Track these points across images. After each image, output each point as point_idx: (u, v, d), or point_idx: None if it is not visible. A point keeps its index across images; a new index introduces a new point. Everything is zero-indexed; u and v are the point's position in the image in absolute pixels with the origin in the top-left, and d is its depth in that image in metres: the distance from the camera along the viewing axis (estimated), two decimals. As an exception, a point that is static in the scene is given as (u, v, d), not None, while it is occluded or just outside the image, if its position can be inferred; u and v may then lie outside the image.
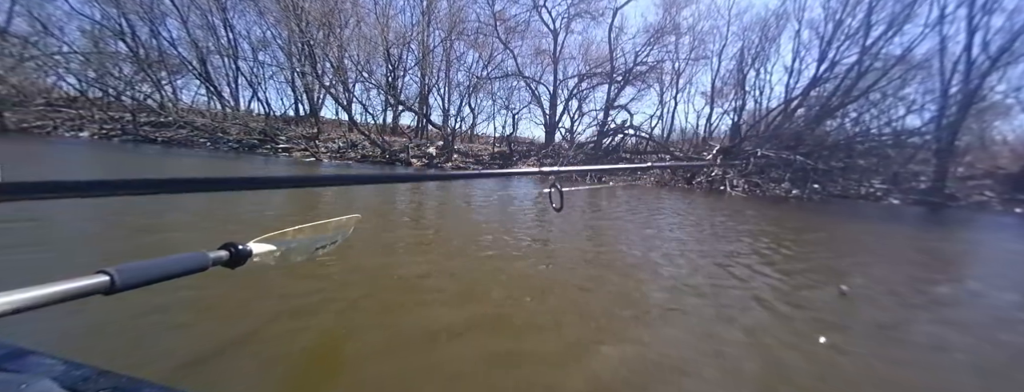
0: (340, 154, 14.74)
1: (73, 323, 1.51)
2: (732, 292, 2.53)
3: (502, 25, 17.10)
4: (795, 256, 3.74)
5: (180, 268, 0.59)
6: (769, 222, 6.09)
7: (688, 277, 2.79)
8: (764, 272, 3.02)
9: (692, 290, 2.52)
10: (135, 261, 0.52)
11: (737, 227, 5.36)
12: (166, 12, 16.60)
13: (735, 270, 3.02)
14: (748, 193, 11.88)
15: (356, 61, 16.44)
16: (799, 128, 15.84)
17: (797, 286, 2.77)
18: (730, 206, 8.36)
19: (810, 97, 16.43)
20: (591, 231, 4.43)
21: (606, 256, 3.29)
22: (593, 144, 16.59)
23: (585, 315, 2.05)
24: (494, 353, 1.61)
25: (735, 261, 3.31)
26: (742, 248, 3.87)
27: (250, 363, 1.39)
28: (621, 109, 17.13)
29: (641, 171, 14.24)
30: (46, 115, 14.63)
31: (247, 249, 0.75)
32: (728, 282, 2.73)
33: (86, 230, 3.06)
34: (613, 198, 8.51)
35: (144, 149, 12.42)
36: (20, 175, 0.52)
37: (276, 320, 1.73)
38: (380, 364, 1.46)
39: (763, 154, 12.74)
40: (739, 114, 18.59)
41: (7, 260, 2.23)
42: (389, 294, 2.17)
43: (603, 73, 17.60)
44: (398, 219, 4.40)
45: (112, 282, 0.47)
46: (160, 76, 17.16)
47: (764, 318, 2.14)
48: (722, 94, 19.87)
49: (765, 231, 5.08)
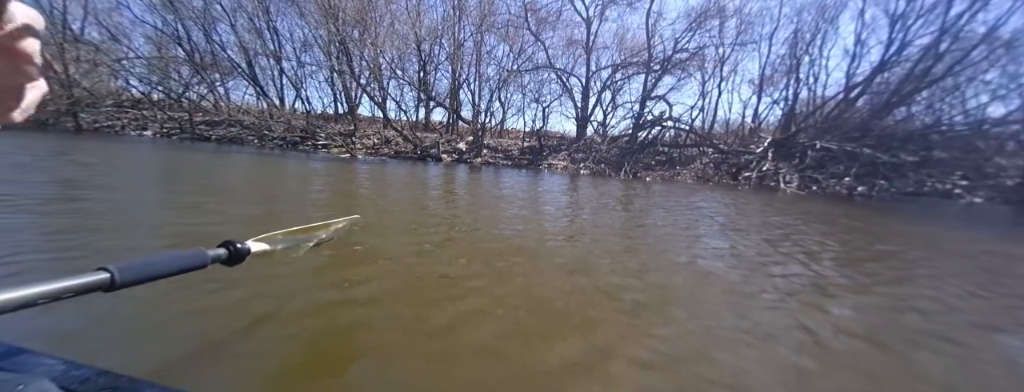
0: (375, 150, 15.07)
1: (72, 322, 1.48)
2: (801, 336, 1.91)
3: (533, 16, 16.70)
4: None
5: (179, 266, 0.58)
6: (846, 229, 5.29)
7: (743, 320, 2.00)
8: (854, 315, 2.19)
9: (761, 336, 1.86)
10: (135, 259, 0.51)
11: (803, 231, 4.74)
12: (217, 17, 17.64)
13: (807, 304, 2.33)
14: (804, 190, 10.83)
15: (390, 60, 16.72)
16: (863, 118, 14.32)
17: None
18: (787, 206, 7.55)
19: (874, 83, 14.80)
20: (627, 238, 4.07)
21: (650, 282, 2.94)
22: (628, 137, 15.90)
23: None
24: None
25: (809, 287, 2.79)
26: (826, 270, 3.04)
27: (250, 362, 1.36)
28: (659, 100, 16.24)
29: (680, 164, 13.46)
30: (115, 115, 16.04)
31: (245, 247, 0.74)
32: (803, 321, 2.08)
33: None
34: (651, 196, 8.02)
35: (199, 146, 13.26)
36: (110, 171, 0.42)
37: (275, 319, 1.67)
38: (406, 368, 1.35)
39: (822, 146, 11.57)
40: (792, 103, 17.13)
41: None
42: (426, 295, 2.04)
43: (639, 62, 16.77)
44: (430, 218, 4.26)
45: (112, 279, 0.47)
46: (214, 78, 18.32)
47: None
48: (771, 82, 18.43)
49: (849, 242, 4.17)
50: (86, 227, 2.84)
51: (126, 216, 3.28)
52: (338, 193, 5.50)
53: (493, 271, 2.45)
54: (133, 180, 5.25)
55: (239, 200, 4.50)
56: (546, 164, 14.23)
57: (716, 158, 13.76)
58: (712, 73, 18.00)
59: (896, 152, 12.26)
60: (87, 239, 2.57)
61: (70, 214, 3.17)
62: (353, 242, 2.79)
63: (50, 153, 7.09)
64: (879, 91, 14.86)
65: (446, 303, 1.94)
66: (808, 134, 13.67)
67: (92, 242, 2.53)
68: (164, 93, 17.75)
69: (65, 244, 2.44)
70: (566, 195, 6.99)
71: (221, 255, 0.70)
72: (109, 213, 3.27)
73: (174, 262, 0.58)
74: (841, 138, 12.63)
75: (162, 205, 3.91)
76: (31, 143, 8.71)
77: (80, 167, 5.67)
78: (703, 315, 2.03)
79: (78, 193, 3.93)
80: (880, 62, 14.54)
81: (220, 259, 0.69)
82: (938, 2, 13.21)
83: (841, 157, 11.67)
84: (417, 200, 5.18)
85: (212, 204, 3.98)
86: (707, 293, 2.36)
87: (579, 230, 3.95)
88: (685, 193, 8.42)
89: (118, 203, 3.67)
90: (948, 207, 9.54)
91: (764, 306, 2.19)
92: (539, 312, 1.92)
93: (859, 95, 15.06)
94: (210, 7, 17.19)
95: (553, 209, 5.17)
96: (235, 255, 0.72)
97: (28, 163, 5.43)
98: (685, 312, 2.05)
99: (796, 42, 16.57)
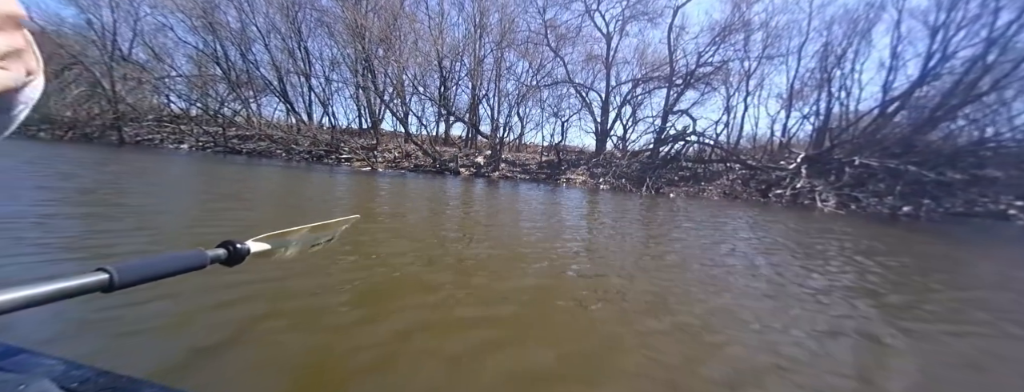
0: (395, 164, 15.29)
1: (72, 320, 1.50)
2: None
3: (552, 33, 16.85)
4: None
5: (178, 266, 0.58)
6: (919, 256, 4.70)
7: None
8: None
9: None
10: (134, 259, 0.51)
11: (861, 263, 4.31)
12: (253, 38, 18.63)
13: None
14: (842, 208, 10.16)
15: (412, 76, 17.15)
16: (904, 133, 13.53)
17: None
18: (828, 227, 7.01)
19: (912, 97, 14.01)
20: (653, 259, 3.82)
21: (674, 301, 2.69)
22: (649, 152, 15.55)
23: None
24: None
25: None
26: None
27: (248, 361, 1.36)
28: (681, 114, 15.91)
29: (705, 180, 12.99)
30: (155, 129, 16.98)
31: (245, 248, 0.72)
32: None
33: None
34: (677, 212, 7.68)
35: (231, 159, 13.81)
36: (150, 182, 0.50)
37: (275, 318, 1.67)
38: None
39: (862, 163, 10.89)
40: (824, 118, 16.41)
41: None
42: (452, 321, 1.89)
43: (661, 76, 16.56)
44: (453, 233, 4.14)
45: (111, 280, 0.47)
46: (247, 95, 19.23)
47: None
48: (801, 96, 17.78)
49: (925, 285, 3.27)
50: (115, 227, 3.08)
51: (159, 216, 3.60)
52: (358, 202, 5.49)
53: (515, 304, 2.27)
54: (173, 187, 5.49)
55: (265, 206, 4.67)
56: (565, 178, 14.03)
57: (744, 174, 13.22)
58: (737, 87, 17.57)
59: (942, 170, 11.44)
60: (115, 236, 2.83)
61: (100, 215, 3.36)
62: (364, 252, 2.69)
63: (94, 162, 7.48)
64: (919, 105, 14.06)
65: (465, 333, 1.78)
66: (844, 150, 12.97)
67: (123, 235, 2.83)
68: (201, 109, 18.75)
69: (96, 241, 2.66)
70: (585, 212, 6.77)
71: (220, 255, 0.67)
72: (140, 214, 3.63)
73: (173, 263, 0.57)
74: (881, 154, 11.91)
75: (195, 209, 4.20)
76: (79, 154, 9.24)
77: (119, 176, 5.93)
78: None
79: (108, 198, 4.06)
80: (920, 75, 13.81)
81: (219, 259, 0.67)
82: (983, 11, 12.54)
83: (882, 174, 10.95)
84: (432, 216, 5.08)
85: (240, 209, 4.06)
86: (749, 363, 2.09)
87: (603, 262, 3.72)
88: (714, 211, 8.02)
89: (153, 206, 4.03)
90: (1003, 229, 8.72)
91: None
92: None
93: (898, 110, 14.30)
94: (247, 29, 18.19)
95: (574, 230, 4.97)
96: (235, 255, 0.70)
97: (73, 172, 5.71)
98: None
99: (827, 55, 16.01)
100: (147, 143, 16.22)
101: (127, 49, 17.95)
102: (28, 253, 2.33)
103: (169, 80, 18.35)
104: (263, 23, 18.24)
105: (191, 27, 17.68)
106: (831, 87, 16.09)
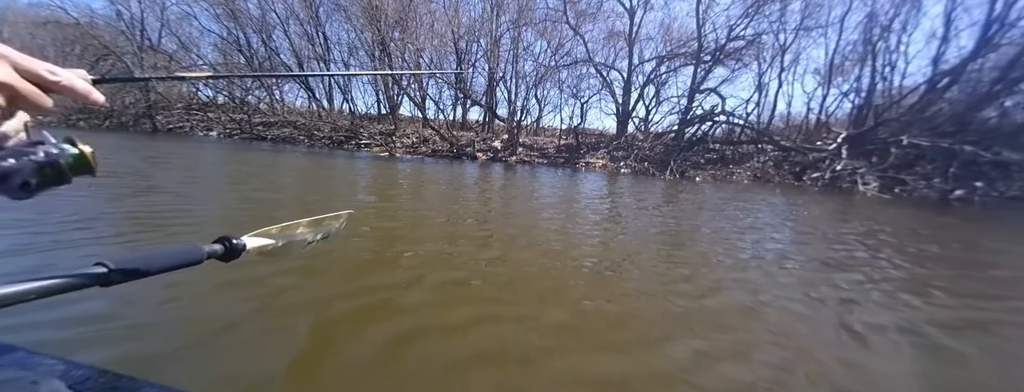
0: (413, 149, 15.31)
1: (71, 318, 1.48)
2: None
3: (572, 9, 16.10)
4: None
5: (175, 261, 0.58)
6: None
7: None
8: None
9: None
10: (131, 254, 0.52)
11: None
12: (273, 24, 18.76)
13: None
14: (886, 192, 9.45)
15: (429, 60, 16.91)
16: (958, 110, 12.37)
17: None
18: (874, 212, 6.47)
19: (968, 71, 12.69)
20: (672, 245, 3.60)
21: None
22: (674, 134, 14.93)
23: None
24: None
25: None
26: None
27: (248, 360, 1.34)
28: (709, 93, 15.07)
29: (733, 163, 12.40)
30: (185, 117, 17.57)
31: (241, 243, 0.72)
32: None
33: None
34: (704, 197, 7.34)
35: (257, 145, 14.19)
36: (188, 167, 1.82)
37: (273, 317, 1.64)
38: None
39: (911, 143, 10.03)
40: (867, 95, 15.20)
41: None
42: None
43: (688, 53, 15.68)
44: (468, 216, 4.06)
45: (108, 274, 0.47)
46: (270, 82, 19.55)
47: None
48: (841, 71, 16.50)
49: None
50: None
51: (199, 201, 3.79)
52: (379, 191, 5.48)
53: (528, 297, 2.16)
54: (205, 175, 5.63)
55: (291, 191, 4.76)
56: (584, 162, 13.70)
57: (776, 156, 12.51)
58: (771, 63, 16.44)
59: (999, 150, 10.42)
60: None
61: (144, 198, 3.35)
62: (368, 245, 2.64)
63: (138, 148, 7.79)
64: (974, 79, 12.77)
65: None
66: (889, 128, 12.00)
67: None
68: (228, 97, 19.23)
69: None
70: (607, 199, 6.55)
71: (217, 251, 0.68)
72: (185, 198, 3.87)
73: (170, 258, 0.57)
74: (932, 133, 10.94)
75: (228, 195, 4.32)
76: (123, 142, 9.65)
77: (155, 164, 6.15)
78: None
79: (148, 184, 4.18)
80: (977, 45, 12.46)
81: (216, 255, 0.67)
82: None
83: (931, 155, 10.06)
84: (445, 205, 5.01)
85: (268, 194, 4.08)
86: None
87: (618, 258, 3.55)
88: (746, 196, 7.61)
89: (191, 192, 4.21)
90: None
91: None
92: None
93: (949, 84, 13.04)
94: (266, 15, 18.30)
95: (596, 217, 4.79)
96: (231, 251, 0.70)
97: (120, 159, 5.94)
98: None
99: (872, 26, 14.67)
100: (178, 130, 16.85)
101: (156, 39, 18.46)
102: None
103: (195, 68, 18.82)
104: (282, 9, 18.30)
105: (214, 15, 17.95)
106: (876, 61, 14.83)
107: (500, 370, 1.39)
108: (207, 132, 16.87)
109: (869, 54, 14.81)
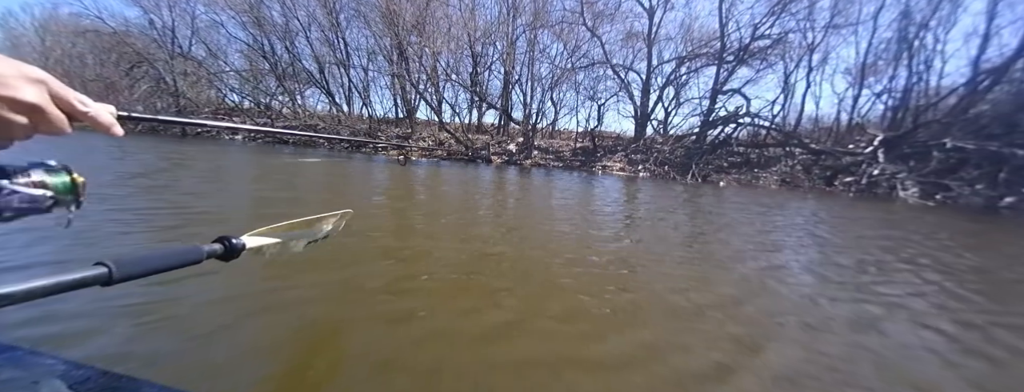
0: (429, 152, 15.36)
1: (71, 318, 1.46)
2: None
3: (589, 10, 15.86)
4: None
5: (175, 261, 0.58)
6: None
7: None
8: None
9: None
10: (132, 254, 0.52)
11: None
12: (295, 31, 19.26)
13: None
14: (928, 199, 8.80)
15: (445, 64, 16.99)
16: (1003, 111, 11.50)
17: None
18: (921, 223, 6.00)
19: (1011, 70, 11.78)
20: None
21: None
22: (694, 136, 14.46)
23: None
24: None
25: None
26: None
27: (248, 361, 1.32)
28: (733, 94, 14.54)
29: (759, 166, 11.87)
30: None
31: (240, 243, 0.72)
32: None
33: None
34: (728, 204, 6.99)
35: (279, 149, 14.52)
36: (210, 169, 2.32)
37: (275, 316, 1.61)
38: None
39: (955, 146, 9.35)
40: (902, 95, 14.36)
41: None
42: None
43: (710, 53, 15.20)
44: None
45: (110, 274, 0.48)
46: (292, 87, 20.06)
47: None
48: (874, 71, 15.67)
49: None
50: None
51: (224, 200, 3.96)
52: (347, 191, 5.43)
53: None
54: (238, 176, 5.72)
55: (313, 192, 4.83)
56: (600, 166, 13.41)
57: (806, 160, 11.91)
58: (798, 62, 15.77)
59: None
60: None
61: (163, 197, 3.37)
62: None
63: (164, 153, 8.04)
64: (1019, 79, 11.86)
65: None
66: (930, 131, 11.25)
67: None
68: (252, 102, 19.83)
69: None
70: (624, 204, 6.30)
71: (216, 250, 0.68)
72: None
73: (170, 258, 0.57)
74: (977, 136, 10.18)
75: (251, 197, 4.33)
76: (153, 145, 10.01)
77: (178, 165, 6.31)
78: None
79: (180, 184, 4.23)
80: (1021, 44, 11.57)
81: (215, 254, 0.68)
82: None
83: (977, 159, 9.35)
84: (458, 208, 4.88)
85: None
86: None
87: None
88: (776, 202, 7.21)
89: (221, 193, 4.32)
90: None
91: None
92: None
93: (992, 85, 12.15)
94: (289, 22, 18.81)
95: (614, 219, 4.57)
96: (230, 250, 0.71)
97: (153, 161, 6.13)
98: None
99: (907, 22, 13.85)
100: (206, 134, 17.44)
101: (186, 46, 19.23)
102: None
103: (223, 75, 19.49)
104: (304, 16, 18.76)
105: (240, 23, 18.56)
106: (913, 60, 13.98)
107: (507, 372, 1.33)
108: (232, 136, 17.40)
109: (904, 53, 14.00)
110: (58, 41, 20.62)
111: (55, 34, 20.83)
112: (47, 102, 0.36)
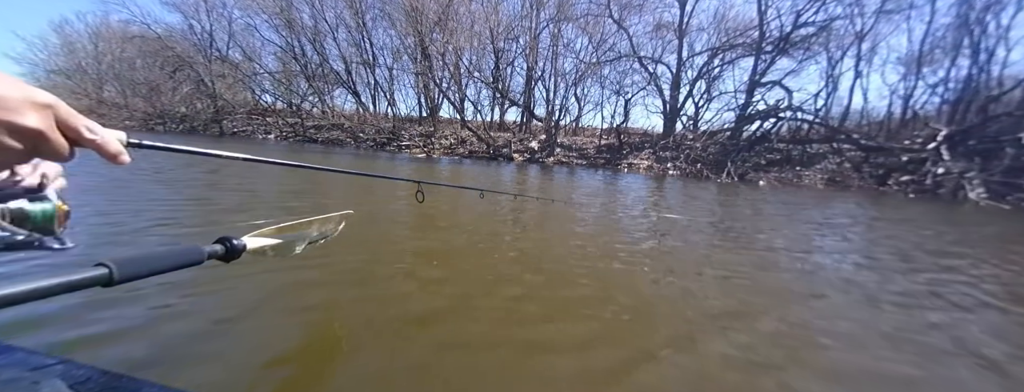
0: (451, 150, 15.35)
1: (72, 318, 1.44)
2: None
3: (615, 2, 15.29)
4: None
5: (176, 261, 0.59)
6: None
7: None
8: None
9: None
10: (133, 254, 0.52)
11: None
12: (324, 33, 19.73)
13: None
14: (999, 200, 7.83)
15: (468, 62, 16.90)
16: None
17: None
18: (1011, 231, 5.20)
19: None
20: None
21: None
22: (729, 132, 13.70)
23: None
24: None
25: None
26: None
27: (249, 361, 1.29)
28: (772, 86, 13.65)
29: (801, 164, 11.04)
30: (247, 122, 18.92)
31: (241, 244, 0.72)
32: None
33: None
34: (770, 207, 6.44)
35: (309, 148, 14.95)
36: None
37: (275, 317, 1.59)
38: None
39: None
40: (962, 87, 13.00)
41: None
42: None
43: (747, 44, 14.35)
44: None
45: (111, 275, 0.48)
46: (321, 87, 20.61)
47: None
48: (930, 60, 14.29)
49: None
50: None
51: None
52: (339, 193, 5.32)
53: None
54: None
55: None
56: (626, 163, 12.93)
57: (855, 156, 11.00)
58: (845, 51, 14.61)
59: None
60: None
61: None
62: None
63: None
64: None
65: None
66: (1000, 124, 10.10)
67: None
68: (285, 103, 20.51)
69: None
70: (652, 205, 5.91)
71: (217, 251, 0.68)
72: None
73: (171, 258, 0.58)
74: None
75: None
76: (192, 143, 10.45)
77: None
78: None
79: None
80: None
81: (216, 255, 0.68)
82: None
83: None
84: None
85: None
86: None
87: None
88: (848, 207, 6.49)
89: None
90: None
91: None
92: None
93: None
94: (318, 24, 19.28)
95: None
96: (231, 251, 0.70)
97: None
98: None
99: (968, 8, 12.48)
100: (242, 134, 18.19)
101: (223, 50, 20.11)
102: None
103: (257, 77, 20.25)
104: (332, 17, 19.19)
105: (272, 26, 19.19)
106: (979, 47, 12.59)
107: (514, 375, 1.28)
108: (266, 135, 18.07)
109: (965, 39, 12.65)
110: (109, 46, 22.04)
111: (107, 40, 22.30)
112: (50, 128, 0.36)
